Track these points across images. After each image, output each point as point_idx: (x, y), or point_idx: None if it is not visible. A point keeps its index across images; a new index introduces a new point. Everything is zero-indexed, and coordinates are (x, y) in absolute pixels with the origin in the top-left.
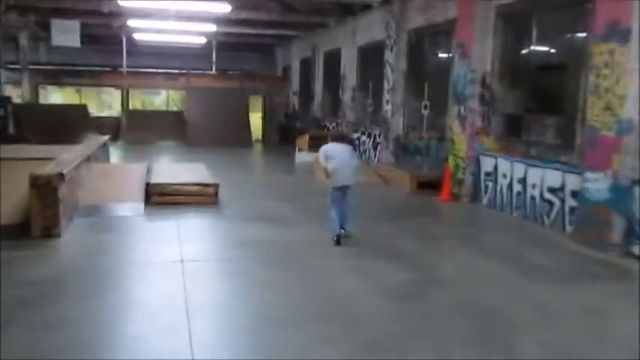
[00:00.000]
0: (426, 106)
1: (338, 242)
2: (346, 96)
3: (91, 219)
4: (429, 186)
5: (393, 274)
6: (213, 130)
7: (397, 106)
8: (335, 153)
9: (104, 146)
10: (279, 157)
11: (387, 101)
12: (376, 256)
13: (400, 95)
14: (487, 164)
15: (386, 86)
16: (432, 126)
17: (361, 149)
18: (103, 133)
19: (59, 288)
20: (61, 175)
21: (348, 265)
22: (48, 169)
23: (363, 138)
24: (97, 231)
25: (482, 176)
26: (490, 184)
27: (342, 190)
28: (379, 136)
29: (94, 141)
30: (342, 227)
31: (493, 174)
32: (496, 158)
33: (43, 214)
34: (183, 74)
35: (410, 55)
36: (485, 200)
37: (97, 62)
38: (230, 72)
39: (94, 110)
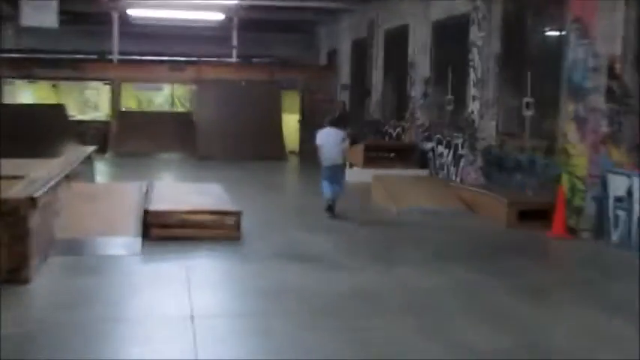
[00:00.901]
0: (528, 105)
1: (330, 209)
2: (416, 91)
3: (71, 258)
4: (534, 216)
5: (480, 339)
6: (233, 139)
7: (488, 104)
8: (325, 137)
9: (89, 160)
10: (317, 171)
11: (474, 98)
12: (455, 313)
13: (492, 89)
14: (617, 186)
15: (472, 77)
16: (536, 132)
17: (436, 164)
18: (87, 143)
19: (24, 353)
20: (33, 200)
21: (415, 325)
22: (15, 191)
23: (440, 149)
24: (79, 274)
25: (611, 203)
26: (622, 213)
27: (332, 169)
28: (462, 146)
29: (75, 153)
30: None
31: (626, 200)
32: (630, 177)
33: (8, 251)
34: (192, 63)
35: (505, 33)
36: (615, 237)
37: (80, 48)
38: (256, 60)
39: (76, 112)
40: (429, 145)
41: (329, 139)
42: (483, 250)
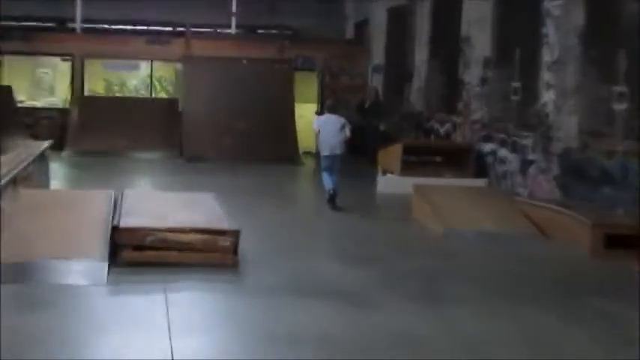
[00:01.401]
0: (620, 95)
1: (332, 200)
2: (471, 75)
3: (15, 288)
4: (627, 243)
5: None
6: (231, 135)
7: (566, 94)
8: (324, 124)
9: (42, 160)
10: (349, 183)
11: (548, 85)
12: None
13: (572, 74)
14: None
15: (546, 58)
16: (631, 131)
17: (497, 172)
18: (39, 138)
19: None
20: None
21: None
22: None
23: (503, 152)
24: (26, 310)
25: None
26: None
27: (331, 159)
28: (532, 149)
29: (23, 151)
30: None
31: None
32: None
33: None
34: (178, 35)
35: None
36: None
37: (33, 14)
38: (262, 31)
39: (25, 97)
40: (487, 147)
41: (328, 127)
42: (560, 288)
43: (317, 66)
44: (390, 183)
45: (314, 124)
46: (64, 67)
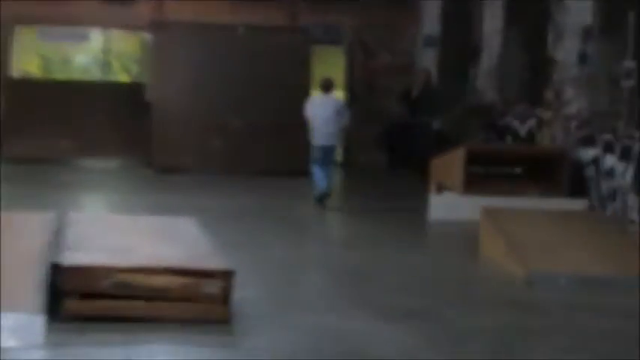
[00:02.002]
0: None
1: (320, 201)
2: (566, 51)
3: None
4: None
5: None
6: (222, 136)
7: None
8: (318, 107)
9: None
10: (388, 203)
11: None
12: None
13: None
14: None
15: None
16: None
17: (602, 189)
18: None
19: None
20: None
21: None
22: None
23: (610, 160)
24: None
25: None
26: None
27: (325, 150)
28: None
29: None
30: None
31: None
32: None
33: None
34: None
35: None
36: None
37: None
38: None
39: None
40: (588, 154)
41: (322, 111)
42: None
43: (344, 38)
44: (448, 205)
45: (305, 108)
46: None
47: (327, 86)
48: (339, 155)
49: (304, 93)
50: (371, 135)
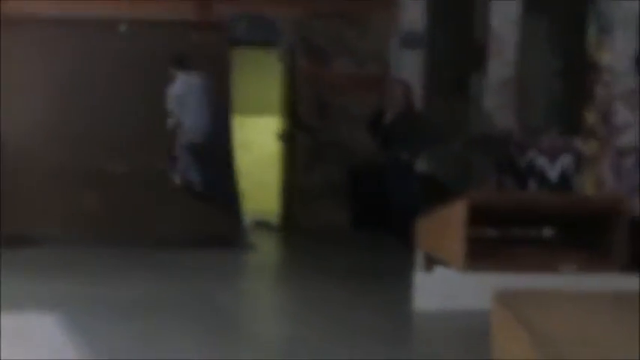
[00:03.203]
0: None
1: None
2: (615, 52)
3: None
4: None
5: None
6: (99, 188)
7: None
8: (189, 94)
9: None
10: (350, 287)
11: None
12: None
13: None
14: None
15: None
16: None
17: None
18: None
19: None
20: None
21: None
22: None
23: None
24: None
25: None
26: None
27: (195, 149)
28: None
29: None
30: None
31: None
32: None
33: None
34: None
35: None
36: None
37: None
38: None
39: None
40: None
41: (193, 97)
42: None
43: (282, 37)
44: (443, 288)
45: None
46: None
47: (181, 60)
48: (273, 213)
49: (222, 120)
50: (323, 181)
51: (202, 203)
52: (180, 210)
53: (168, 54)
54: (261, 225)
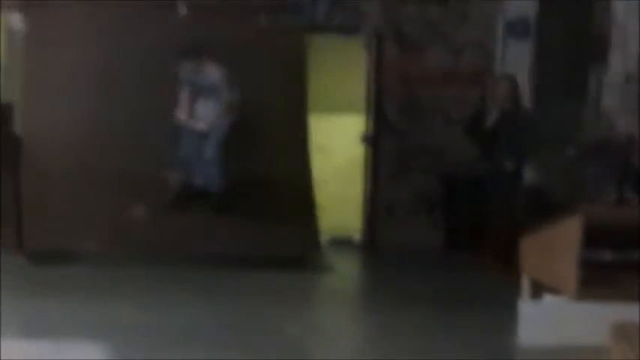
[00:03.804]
0: None
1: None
2: None
3: None
4: None
5: None
6: (151, 198)
7: None
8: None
9: None
10: (442, 315)
11: None
12: None
13: None
14: None
15: None
16: None
17: None
18: None
19: None
20: None
21: None
22: None
23: None
24: None
25: None
26: None
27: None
28: None
29: None
30: None
31: None
32: None
33: None
34: None
35: None
36: None
37: None
38: None
39: None
40: None
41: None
42: None
43: (365, 25)
44: (552, 319)
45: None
46: None
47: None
48: (354, 230)
49: (297, 120)
50: (412, 193)
51: (271, 217)
52: (245, 224)
53: (235, 43)
54: (340, 243)
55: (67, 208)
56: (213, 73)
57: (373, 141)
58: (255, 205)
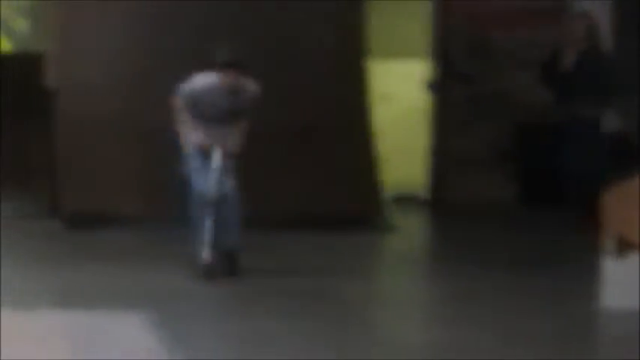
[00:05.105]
0: None
1: (208, 273)
2: None
3: None
4: None
5: None
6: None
7: None
8: (203, 95)
9: None
10: (518, 279)
11: None
12: None
13: None
14: None
15: None
16: None
17: None
18: None
19: None
20: None
21: None
22: None
23: None
24: None
25: None
26: None
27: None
28: None
29: None
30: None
31: None
32: None
33: None
34: None
35: None
36: None
37: None
38: None
39: None
40: None
41: (209, 100)
42: None
43: None
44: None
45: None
46: None
47: (227, 57)
48: (419, 185)
49: (355, 68)
50: (483, 144)
51: (330, 174)
52: (300, 181)
53: None
54: (405, 200)
55: (105, 169)
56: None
57: (439, 88)
58: (310, 161)
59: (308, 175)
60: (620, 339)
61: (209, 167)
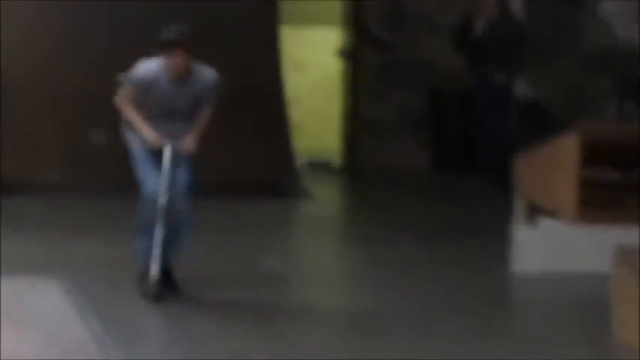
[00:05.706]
0: None
1: (157, 293)
2: None
3: None
4: None
5: None
6: (105, 123)
7: None
8: (156, 82)
9: None
10: (431, 244)
11: None
12: None
13: None
14: None
15: None
16: None
17: None
18: None
19: None
20: None
21: None
22: None
23: None
24: None
25: None
26: None
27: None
28: None
29: None
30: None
31: None
32: None
33: None
34: None
35: None
36: None
37: None
38: None
39: None
40: None
41: (163, 89)
42: None
43: None
44: (549, 244)
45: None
46: None
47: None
48: (334, 152)
49: (267, 27)
50: (396, 110)
51: (243, 142)
52: (217, 150)
53: None
54: (319, 167)
55: (34, 136)
56: None
57: (351, 54)
58: (224, 129)
59: (222, 143)
60: (536, 298)
61: (160, 169)
